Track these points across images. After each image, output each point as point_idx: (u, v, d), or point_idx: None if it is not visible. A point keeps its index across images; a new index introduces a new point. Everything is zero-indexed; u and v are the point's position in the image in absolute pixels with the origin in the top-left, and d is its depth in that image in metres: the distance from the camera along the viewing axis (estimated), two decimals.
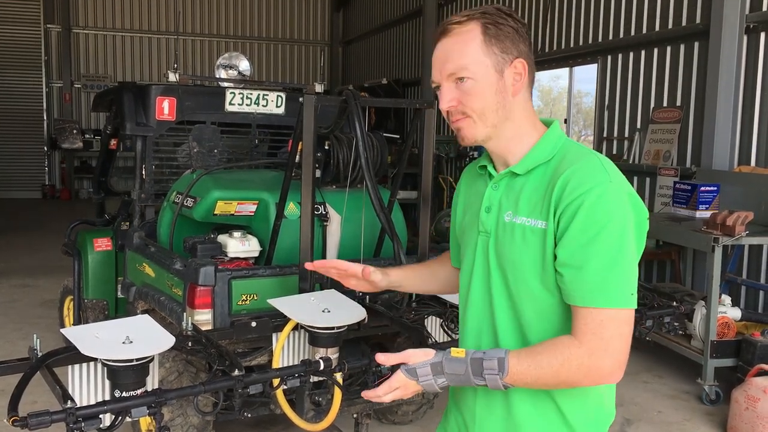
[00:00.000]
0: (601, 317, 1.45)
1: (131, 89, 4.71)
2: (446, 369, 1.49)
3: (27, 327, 6.50)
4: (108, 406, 2.28)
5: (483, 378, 1.48)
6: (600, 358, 1.45)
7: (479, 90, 1.55)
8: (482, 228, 1.65)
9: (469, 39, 1.55)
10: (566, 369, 1.46)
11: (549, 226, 1.51)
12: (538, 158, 1.59)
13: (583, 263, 1.46)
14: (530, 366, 1.47)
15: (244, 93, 4.74)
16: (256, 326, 3.22)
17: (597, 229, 1.45)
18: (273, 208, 3.84)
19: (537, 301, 1.56)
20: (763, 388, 4.33)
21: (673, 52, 7.58)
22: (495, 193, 1.65)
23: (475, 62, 1.55)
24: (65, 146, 5.42)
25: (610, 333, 1.45)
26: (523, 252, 1.55)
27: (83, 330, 2.59)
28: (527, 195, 1.58)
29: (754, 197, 5.77)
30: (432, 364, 1.49)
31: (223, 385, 2.53)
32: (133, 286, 4.25)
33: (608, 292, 1.45)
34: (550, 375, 1.47)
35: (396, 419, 4.52)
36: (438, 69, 1.59)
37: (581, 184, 1.47)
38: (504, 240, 1.60)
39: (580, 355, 1.45)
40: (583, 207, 1.45)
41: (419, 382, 1.50)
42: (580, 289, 1.47)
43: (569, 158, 1.55)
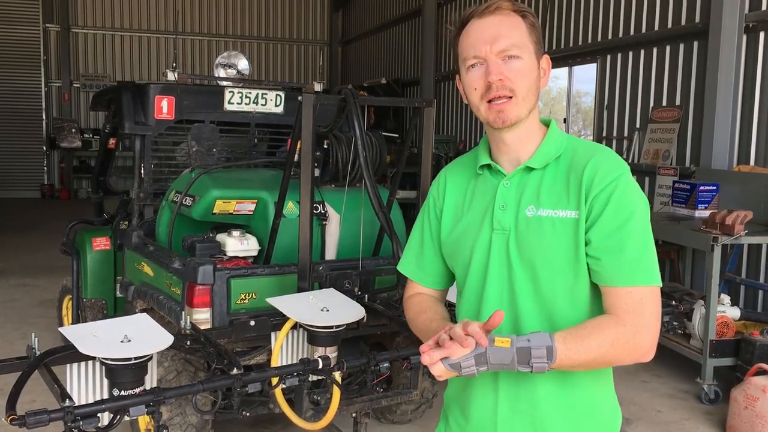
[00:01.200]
0: (641, 295, 1.52)
1: (130, 88, 4.70)
2: (491, 359, 1.44)
3: (26, 326, 6.49)
4: (106, 405, 2.28)
5: (530, 366, 1.46)
6: (644, 336, 1.52)
7: (527, 70, 1.59)
8: (498, 226, 1.64)
9: (516, 23, 1.60)
10: (615, 348, 1.50)
11: (581, 215, 1.56)
12: (551, 153, 1.64)
13: (621, 245, 1.52)
14: (579, 350, 1.48)
15: (243, 92, 4.73)
16: (254, 325, 3.22)
17: (629, 213, 1.53)
18: (272, 207, 3.84)
19: (569, 288, 1.60)
20: (762, 387, 4.33)
21: (672, 51, 7.58)
22: (508, 190, 1.65)
23: (524, 44, 1.59)
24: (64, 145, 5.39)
25: (650, 310, 1.53)
26: (554, 243, 1.58)
27: (81, 329, 2.59)
28: (547, 188, 1.61)
29: (753, 196, 5.77)
30: (476, 355, 1.44)
31: (221, 383, 2.53)
32: (132, 285, 4.24)
33: (646, 270, 1.53)
34: (599, 356, 1.50)
35: (395, 418, 4.51)
36: (486, 43, 1.58)
37: (609, 173, 1.56)
38: (529, 235, 1.60)
39: (626, 333, 1.50)
40: (615, 193, 1.53)
41: (462, 373, 1.45)
42: (620, 270, 1.53)
43: (583, 151, 1.63)
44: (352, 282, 3.63)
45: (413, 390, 3.82)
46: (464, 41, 1.63)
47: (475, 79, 1.60)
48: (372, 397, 3.67)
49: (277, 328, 3.17)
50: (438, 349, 1.46)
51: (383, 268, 3.77)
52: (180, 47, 18.89)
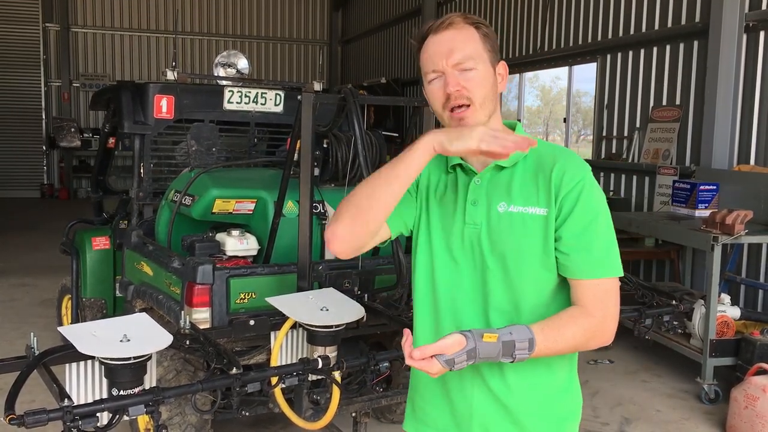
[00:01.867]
0: (607, 287, 1.68)
1: (129, 87, 4.69)
2: (480, 354, 1.55)
3: (25, 326, 6.49)
4: (105, 405, 2.27)
5: (512, 357, 1.58)
6: (609, 324, 1.68)
7: (481, 79, 1.69)
8: (470, 220, 1.75)
9: (469, 35, 1.70)
10: (585, 337, 1.66)
11: (550, 212, 1.68)
12: (518, 153, 1.69)
13: (589, 243, 1.66)
14: (557, 340, 1.62)
15: (243, 91, 4.73)
16: (254, 325, 3.21)
17: (595, 211, 1.68)
18: (271, 206, 3.84)
19: (536, 280, 1.72)
20: (762, 386, 4.33)
21: (672, 50, 7.57)
22: (479, 188, 1.75)
23: (478, 55, 1.70)
24: (63, 145, 5.39)
25: (613, 300, 1.69)
26: (524, 237, 1.69)
27: (81, 328, 2.58)
28: (518, 186, 1.72)
29: (753, 196, 5.77)
30: (468, 351, 1.54)
31: (220, 383, 2.53)
32: (131, 284, 4.24)
33: (611, 264, 1.68)
34: (571, 344, 1.66)
35: (395, 418, 4.51)
36: (443, 58, 1.69)
37: (576, 174, 1.68)
38: (501, 229, 1.71)
39: (595, 323, 1.66)
40: (583, 192, 1.67)
41: (454, 368, 1.55)
42: (588, 265, 1.67)
43: (547, 151, 1.74)
44: (352, 281, 3.63)
45: None
46: (424, 56, 1.74)
47: (435, 91, 1.72)
48: (372, 397, 3.66)
49: (277, 328, 3.17)
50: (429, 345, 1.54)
51: (383, 267, 3.76)
52: (180, 47, 18.88)
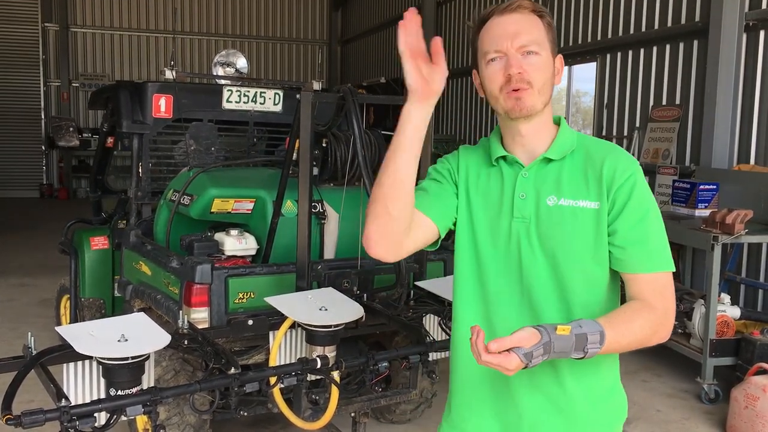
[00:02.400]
0: (664, 280, 1.67)
1: (128, 87, 4.68)
2: (555, 348, 1.49)
3: (24, 326, 6.47)
4: (103, 405, 2.27)
5: (584, 351, 1.52)
6: (669, 318, 1.66)
7: (544, 65, 1.68)
8: (518, 214, 1.72)
9: (535, 22, 1.69)
10: (650, 329, 1.62)
11: (602, 206, 1.66)
12: (566, 146, 1.73)
13: (645, 236, 1.65)
14: (624, 333, 1.58)
15: (242, 90, 4.72)
16: (252, 324, 3.21)
17: (647, 206, 1.67)
18: (270, 206, 3.83)
19: (587, 274, 1.70)
20: (762, 386, 4.32)
21: (672, 50, 7.56)
22: (527, 181, 1.73)
23: (542, 42, 1.69)
24: (61, 144, 5.37)
25: (671, 293, 1.68)
26: (575, 231, 1.68)
27: (78, 328, 2.58)
28: (567, 179, 1.70)
29: (753, 195, 5.76)
30: (544, 344, 1.48)
31: (219, 383, 2.52)
32: (130, 284, 4.22)
33: (666, 258, 1.68)
34: (638, 337, 1.61)
35: (394, 418, 4.50)
36: (507, 39, 1.66)
37: (628, 168, 1.67)
38: (551, 223, 1.69)
39: (658, 316, 1.63)
40: (635, 187, 1.66)
41: (531, 364, 1.48)
42: (646, 258, 1.65)
43: (596, 147, 1.74)
44: (351, 281, 3.62)
45: (412, 389, 3.81)
46: (485, 36, 1.70)
47: (494, 72, 1.68)
48: (371, 397, 3.65)
49: (275, 328, 3.16)
50: (506, 338, 1.46)
51: (382, 267, 3.75)
52: (179, 47, 18.87)
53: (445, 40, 13.29)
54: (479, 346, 1.46)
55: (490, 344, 1.45)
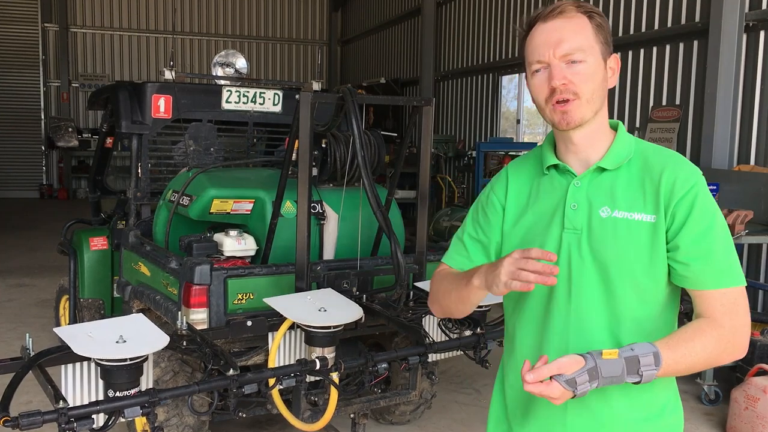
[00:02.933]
0: (734, 296, 1.57)
1: (127, 87, 4.67)
2: (603, 373, 1.45)
3: (23, 327, 6.46)
4: (100, 407, 2.26)
5: (639, 375, 1.47)
6: (741, 335, 1.57)
7: (591, 73, 1.58)
8: (569, 225, 1.64)
9: (582, 25, 1.59)
10: (717, 350, 1.54)
11: (659, 220, 1.57)
12: (622, 155, 1.64)
13: (711, 250, 1.56)
14: (685, 353, 1.51)
15: (241, 91, 4.71)
16: (251, 325, 3.19)
17: (711, 218, 1.57)
18: (269, 206, 3.81)
19: (639, 289, 1.60)
20: (762, 387, 4.31)
21: (672, 50, 7.56)
22: (579, 190, 1.65)
23: (589, 47, 1.58)
24: (60, 144, 5.36)
25: (743, 309, 1.58)
26: (629, 245, 1.59)
27: (77, 329, 2.56)
28: (622, 190, 1.62)
29: (753, 196, 5.75)
30: (588, 370, 1.44)
31: (217, 384, 2.51)
32: (129, 285, 4.21)
33: (735, 272, 1.57)
34: (702, 359, 1.54)
35: (393, 419, 4.49)
36: (550, 48, 1.58)
37: (688, 179, 1.57)
38: (604, 235, 1.61)
39: (725, 334, 1.55)
40: (698, 198, 1.56)
41: (577, 392, 1.44)
42: (712, 274, 1.56)
43: (655, 155, 1.64)
44: (350, 282, 3.61)
45: (411, 391, 3.80)
46: (529, 46, 1.63)
47: (539, 84, 1.61)
48: (370, 398, 3.65)
49: (275, 329, 3.15)
50: (546, 366, 1.45)
51: (381, 267, 3.74)
52: (179, 47, 18.86)
53: (444, 40, 13.28)
54: (523, 376, 1.44)
55: (526, 375, 1.43)
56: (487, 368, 3.35)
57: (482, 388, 5.16)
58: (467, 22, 12.46)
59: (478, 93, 12.19)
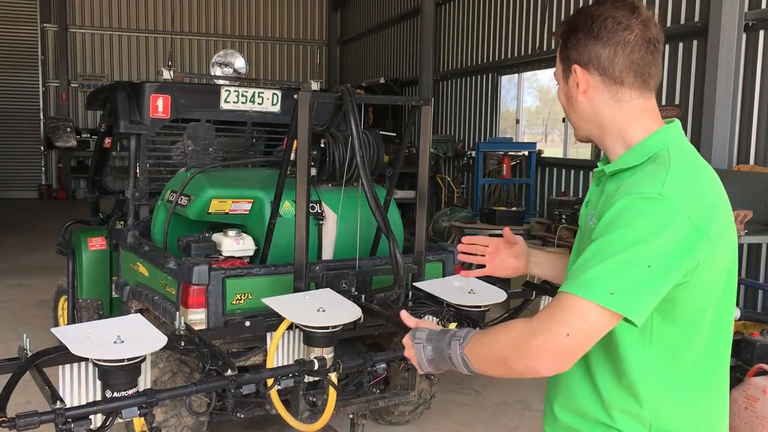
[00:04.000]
0: (565, 302, 1.36)
1: (125, 87, 4.66)
2: (435, 336, 1.65)
3: (22, 327, 6.45)
4: (98, 407, 2.25)
5: (449, 345, 1.60)
6: (538, 340, 1.36)
7: (562, 97, 1.67)
8: (581, 221, 1.72)
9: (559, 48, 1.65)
10: (510, 342, 1.42)
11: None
12: (628, 162, 1.54)
13: (584, 257, 1.41)
14: (486, 336, 1.56)
15: (240, 91, 4.70)
16: (249, 326, 3.18)
17: (617, 226, 1.38)
18: (268, 206, 3.81)
19: None
20: (762, 387, 4.29)
21: (671, 50, 7.55)
22: (592, 190, 1.70)
23: (557, 73, 1.67)
24: (59, 144, 5.35)
25: (562, 319, 1.35)
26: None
27: (74, 329, 2.56)
28: (604, 197, 1.55)
29: (752, 196, 5.74)
30: (429, 331, 1.68)
31: (215, 385, 2.50)
32: (127, 285, 4.21)
33: (586, 280, 1.35)
34: (496, 346, 1.47)
35: (392, 419, 4.48)
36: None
37: (631, 189, 1.42)
38: (584, 237, 1.63)
39: (522, 329, 1.41)
40: (616, 206, 1.41)
41: (414, 342, 1.67)
42: (570, 274, 1.42)
43: (649, 165, 1.49)
44: (349, 282, 3.60)
45: (410, 391, 3.79)
46: None
47: None
48: (369, 399, 3.64)
49: (273, 329, 3.14)
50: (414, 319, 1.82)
51: (380, 268, 3.73)
52: (178, 47, 18.86)
53: (444, 40, 13.28)
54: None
55: (402, 314, 1.84)
56: None
57: (482, 388, 5.15)
58: (466, 22, 12.45)
59: (477, 93, 12.18)
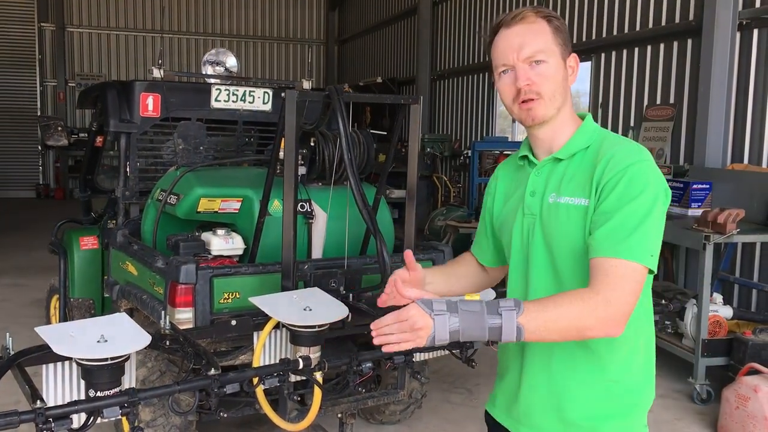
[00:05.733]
0: (623, 270, 1.55)
1: (115, 86, 4.65)
2: (461, 306, 1.51)
3: (16, 326, 6.41)
4: (78, 407, 2.24)
5: (498, 314, 1.49)
6: (616, 309, 1.54)
7: (552, 73, 1.71)
8: (528, 211, 1.80)
9: (540, 29, 1.73)
10: (585, 312, 1.53)
11: (590, 203, 1.66)
12: (578, 145, 1.76)
13: (618, 220, 1.58)
14: (548, 306, 1.53)
15: (231, 90, 4.69)
16: (236, 325, 3.17)
17: (635, 194, 1.59)
18: (257, 205, 3.79)
19: (583, 272, 1.66)
20: (753, 387, 4.29)
21: (666, 49, 7.55)
22: (538, 179, 1.80)
23: (549, 49, 1.72)
24: (50, 144, 5.32)
25: (629, 287, 1.56)
26: (567, 228, 1.70)
27: (58, 329, 2.54)
28: (569, 177, 1.74)
29: (746, 195, 5.74)
30: (448, 301, 1.51)
31: (198, 384, 2.49)
32: (117, 284, 4.20)
33: (636, 247, 1.56)
34: (568, 316, 1.52)
35: (383, 419, 4.47)
36: (513, 52, 1.72)
37: (623, 160, 1.63)
38: (549, 220, 1.74)
39: (597, 301, 1.53)
40: (623, 179, 1.60)
41: (433, 314, 1.48)
42: (609, 242, 1.57)
43: (609, 143, 1.73)
44: (338, 281, 3.59)
45: (400, 390, 3.78)
46: (495, 49, 1.78)
47: (506, 85, 1.76)
48: (357, 398, 3.63)
49: (260, 328, 3.13)
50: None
51: (369, 267, 3.72)
52: (174, 46, 18.85)
53: (441, 40, 13.27)
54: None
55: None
56: (474, 368, 3.33)
57: (474, 387, 5.14)
58: (463, 21, 12.45)
59: (474, 92, 12.17)
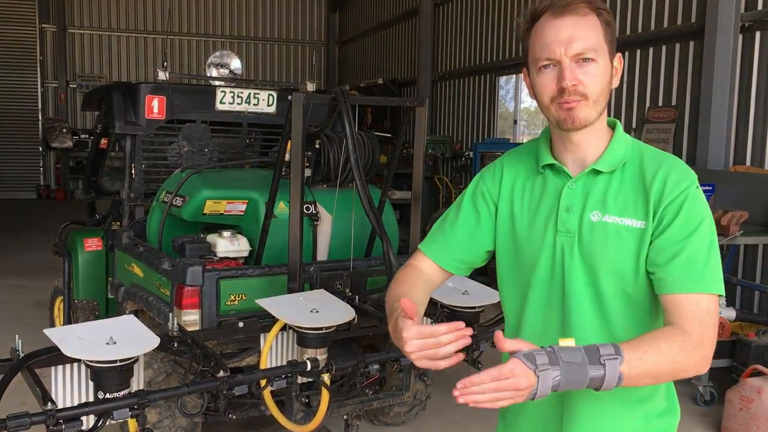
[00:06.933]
0: (707, 305, 1.48)
1: (120, 88, 4.66)
2: (562, 356, 1.34)
3: (19, 328, 6.44)
4: (89, 408, 2.26)
5: (602, 365, 1.35)
6: (707, 346, 1.47)
7: (600, 74, 1.54)
8: (562, 228, 1.61)
9: (592, 23, 1.53)
10: (682, 354, 1.44)
11: (648, 226, 1.54)
12: (618, 158, 1.60)
13: (690, 252, 1.50)
14: (647, 351, 1.41)
15: (235, 92, 4.70)
16: (243, 327, 3.19)
17: (697, 222, 1.51)
18: (263, 207, 3.81)
19: (628, 296, 1.58)
20: (757, 388, 4.30)
21: (668, 51, 7.55)
22: (573, 192, 1.62)
23: (600, 46, 1.54)
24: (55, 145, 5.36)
25: (713, 321, 1.49)
26: (618, 251, 1.56)
27: (67, 331, 2.57)
28: (614, 194, 1.58)
29: (749, 197, 5.74)
30: (547, 351, 1.35)
31: (207, 386, 2.50)
32: (122, 286, 4.21)
33: (713, 280, 1.50)
34: (667, 361, 1.43)
35: (388, 420, 4.48)
36: (561, 45, 1.52)
37: (680, 183, 1.53)
38: (592, 240, 1.58)
39: (692, 341, 1.45)
40: (686, 203, 1.52)
41: (538, 371, 1.32)
42: (687, 277, 1.49)
43: (651, 159, 1.60)
44: (344, 283, 3.60)
45: (405, 392, 3.79)
46: (537, 40, 1.56)
47: (547, 82, 1.55)
48: (363, 399, 3.64)
49: (266, 330, 3.14)
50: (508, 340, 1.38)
51: (375, 268, 3.73)
52: (177, 48, 18.85)
53: (442, 41, 13.28)
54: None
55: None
56: (480, 369, 3.34)
57: None
58: (465, 22, 12.45)
59: (475, 94, 12.18)
